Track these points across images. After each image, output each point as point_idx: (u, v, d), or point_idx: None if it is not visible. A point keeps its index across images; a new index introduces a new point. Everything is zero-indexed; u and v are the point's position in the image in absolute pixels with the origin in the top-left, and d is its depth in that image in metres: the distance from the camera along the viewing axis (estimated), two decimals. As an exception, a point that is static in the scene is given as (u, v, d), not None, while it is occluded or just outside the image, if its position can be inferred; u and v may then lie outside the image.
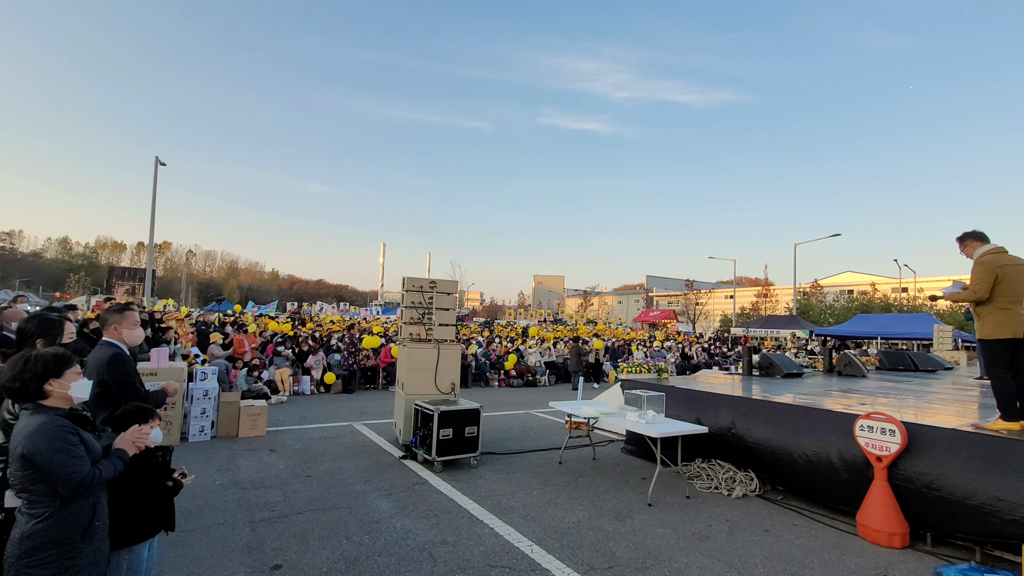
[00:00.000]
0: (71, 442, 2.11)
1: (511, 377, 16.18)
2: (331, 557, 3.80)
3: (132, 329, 3.28)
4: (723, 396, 6.46)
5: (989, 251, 4.45)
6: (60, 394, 2.23)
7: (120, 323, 3.22)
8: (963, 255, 4.69)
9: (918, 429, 4.52)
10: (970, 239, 4.63)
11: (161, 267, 78.26)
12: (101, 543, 2.28)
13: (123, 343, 3.21)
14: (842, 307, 43.25)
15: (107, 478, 2.23)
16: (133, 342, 3.31)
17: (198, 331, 12.21)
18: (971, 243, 4.61)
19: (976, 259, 4.48)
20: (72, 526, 2.12)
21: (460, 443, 6.19)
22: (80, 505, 2.15)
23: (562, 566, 3.77)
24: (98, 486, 2.22)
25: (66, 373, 2.24)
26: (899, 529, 4.32)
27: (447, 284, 7.61)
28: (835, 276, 68.15)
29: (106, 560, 2.32)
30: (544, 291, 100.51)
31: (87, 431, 2.27)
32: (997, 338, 4.33)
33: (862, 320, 27.76)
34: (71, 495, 2.09)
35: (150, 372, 6.68)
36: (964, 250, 4.67)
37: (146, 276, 25.26)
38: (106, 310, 3.45)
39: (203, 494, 5.01)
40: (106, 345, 3.13)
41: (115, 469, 2.28)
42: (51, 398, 2.21)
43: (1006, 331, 4.29)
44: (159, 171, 22.58)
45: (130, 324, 3.26)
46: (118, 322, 3.21)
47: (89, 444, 2.22)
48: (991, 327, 4.35)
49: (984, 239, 4.58)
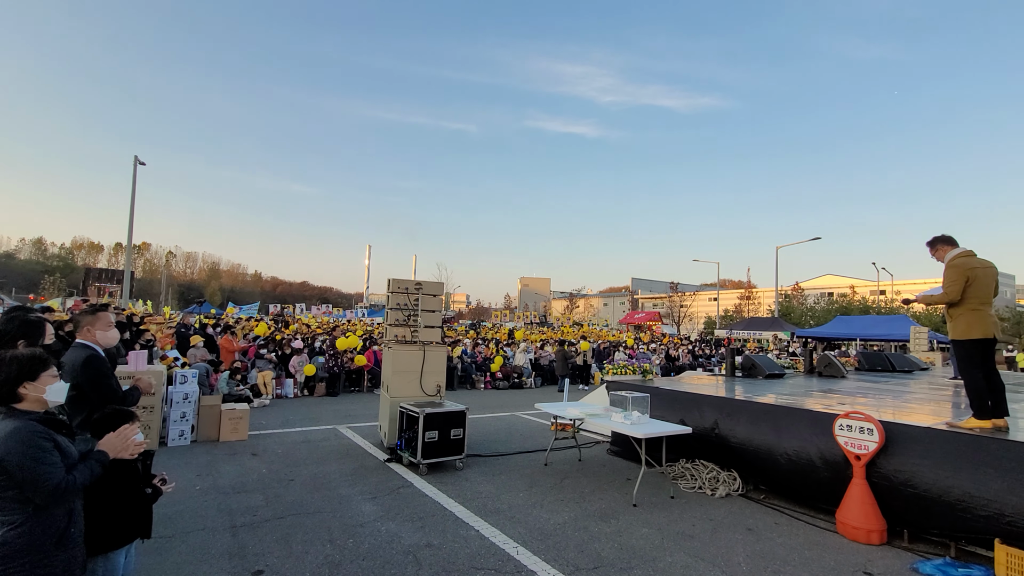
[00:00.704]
0: (44, 448, 2.04)
1: (497, 379, 16.16)
2: (314, 561, 3.75)
3: (106, 330, 3.21)
4: (706, 397, 6.54)
5: (959, 254, 4.58)
6: (35, 397, 2.17)
7: (93, 324, 3.15)
8: (934, 259, 4.82)
9: (895, 428, 4.63)
10: (940, 243, 4.76)
11: (140, 269, 76.57)
12: (76, 551, 2.21)
13: (97, 344, 3.14)
14: (822, 309, 44.08)
15: (83, 484, 2.16)
16: (107, 343, 3.24)
17: (178, 334, 11.97)
18: (942, 247, 4.74)
19: (947, 262, 4.60)
20: (46, 533, 2.06)
21: (446, 445, 6.16)
22: (55, 512, 2.09)
23: (548, 567, 3.78)
24: (73, 493, 2.15)
25: (41, 376, 2.18)
26: (877, 526, 4.41)
27: (433, 286, 7.58)
28: (816, 279, 69.48)
29: (82, 568, 2.26)
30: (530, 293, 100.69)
31: (63, 435, 2.21)
32: (969, 338, 4.45)
33: (842, 322, 28.31)
34: (44, 502, 2.02)
35: (127, 375, 6.52)
36: (935, 254, 4.80)
37: (124, 278, 24.67)
38: (79, 312, 3.37)
39: (182, 499, 4.91)
40: (80, 347, 3.06)
41: (92, 474, 2.21)
42: (25, 401, 2.14)
43: (977, 332, 4.41)
44: (138, 170, 22.13)
45: (103, 325, 3.20)
46: (91, 324, 3.15)
47: (64, 449, 2.15)
48: (963, 328, 4.47)
49: (954, 243, 4.71)
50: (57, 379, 2.27)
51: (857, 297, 48.64)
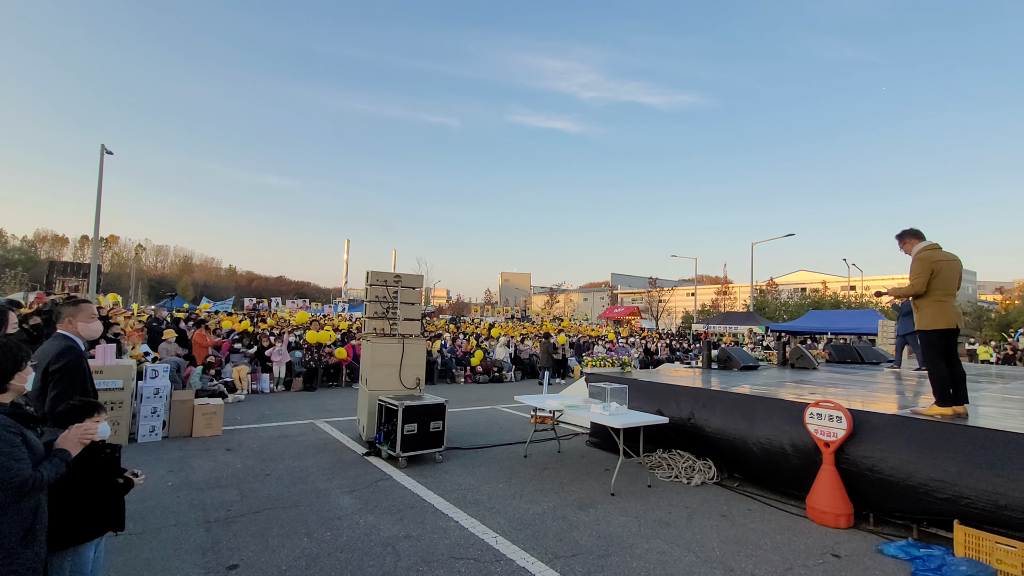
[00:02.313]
0: (13, 443, 1.97)
1: (477, 373, 16.17)
2: (291, 555, 3.70)
3: (88, 322, 3.10)
4: (683, 388, 6.65)
5: (925, 247, 4.75)
6: (18, 388, 2.09)
7: (75, 316, 3.04)
8: (902, 251, 5.00)
9: (862, 415, 4.79)
10: (908, 236, 4.93)
11: (108, 263, 74.03)
12: (40, 548, 2.14)
13: (79, 336, 3.03)
14: (795, 304, 45.23)
15: (49, 481, 2.09)
16: (90, 336, 3.14)
17: (149, 328, 11.63)
18: (909, 240, 4.91)
19: (914, 255, 4.77)
20: (11, 530, 1.98)
21: (425, 438, 6.14)
22: (20, 508, 2.02)
23: (526, 556, 3.81)
24: (39, 490, 2.07)
25: (26, 366, 2.12)
26: (845, 510, 4.56)
27: (412, 278, 7.52)
28: (790, 275, 71.20)
29: (43, 564, 2.18)
30: (511, 288, 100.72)
31: (30, 429, 2.13)
32: (934, 328, 4.62)
33: (813, 316, 29.09)
34: (8, 500, 1.94)
35: (96, 370, 6.33)
36: (903, 246, 4.98)
37: (91, 271, 23.85)
38: (61, 303, 3.24)
39: (153, 495, 4.80)
40: (60, 338, 2.95)
41: (57, 472, 2.14)
42: (7, 393, 2.07)
43: (941, 322, 4.59)
44: (105, 160, 21.38)
45: (86, 317, 3.09)
46: (72, 315, 3.04)
47: (32, 444, 2.08)
48: (928, 318, 4.64)
49: (921, 236, 4.88)
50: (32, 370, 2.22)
51: (829, 292, 49.99)
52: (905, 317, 9.43)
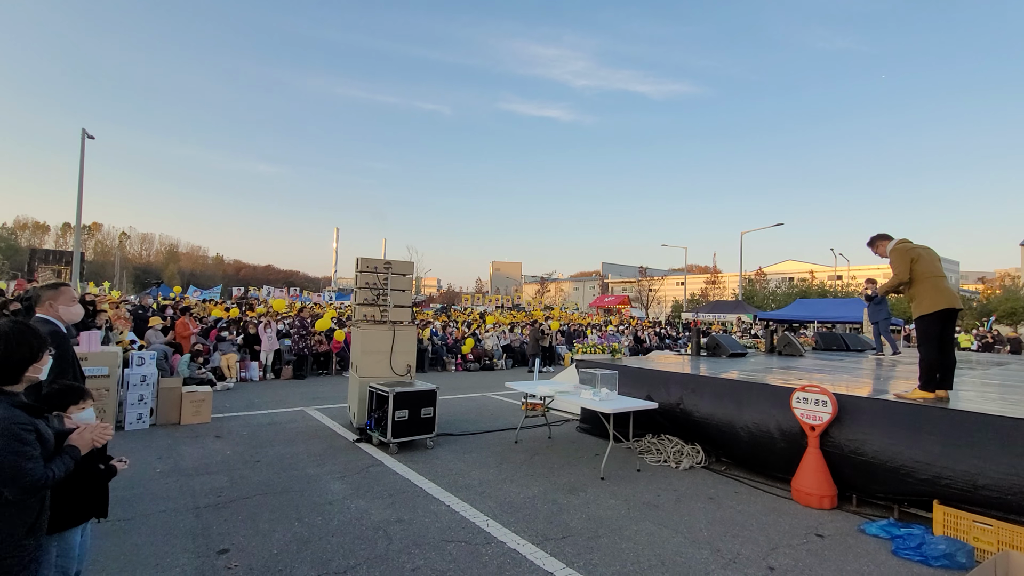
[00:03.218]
0: (27, 441, 1.90)
1: (468, 361, 16.19)
2: (282, 539, 3.71)
3: (69, 306, 3.07)
4: (672, 374, 6.72)
5: (899, 242, 4.91)
6: (31, 379, 2.03)
7: (56, 299, 3.01)
8: (877, 255, 5.11)
9: (847, 399, 4.87)
10: (878, 240, 5.12)
11: (91, 250, 72.66)
12: (42, 535, 2.12)
13: (60, 320, 2.99)
14: (783, 293, 45.72)
15: (60, 479, 2.02)
16: (71, 319, 3.11)
17: (135, 316, 11.47)
18: (880, 243, 5.09)
19: (890, 250, 4.86)
20: (19, 522, 1.94)
21: (416, 424, 6.15)
22: (30, 501, 1.98)
23: (517, 538, 3.85)
24: (49, 487, 2.02)
25: (45, 355, 2.06)
26: (828, 492, 4.66)
27: (402, 265, 7.48)
28: (778, 264, 71.87)
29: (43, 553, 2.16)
30: (502, 277, 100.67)
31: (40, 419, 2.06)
32: (936, 310, 4.58)
33: (801, 305, 29.48)
34: (18, 498, 1.89)
35: (81, 357, 6.23)
36: (877, 251, 5.15)
37: (74, 259, 23.40)
38: (40, 287, 3.19)
39: (141, 482, 4.76)
40: (42, 322, 2.90)
41: (67, 468, 2.07)
42: (20, 384, 2.01)
43: (943, 302, 4.57)
44: (87, 145, 20.88)
45: (67, 300, 3.06)
46: (53, 298, 3.00)
47: (44, 437, 2.01)
48: (928, 303, 4.62)
49: (890, 237, 5.04)
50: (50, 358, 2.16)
51: (816, 282, 50.58)
52: (877, 305, 9.79)
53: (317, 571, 3.27)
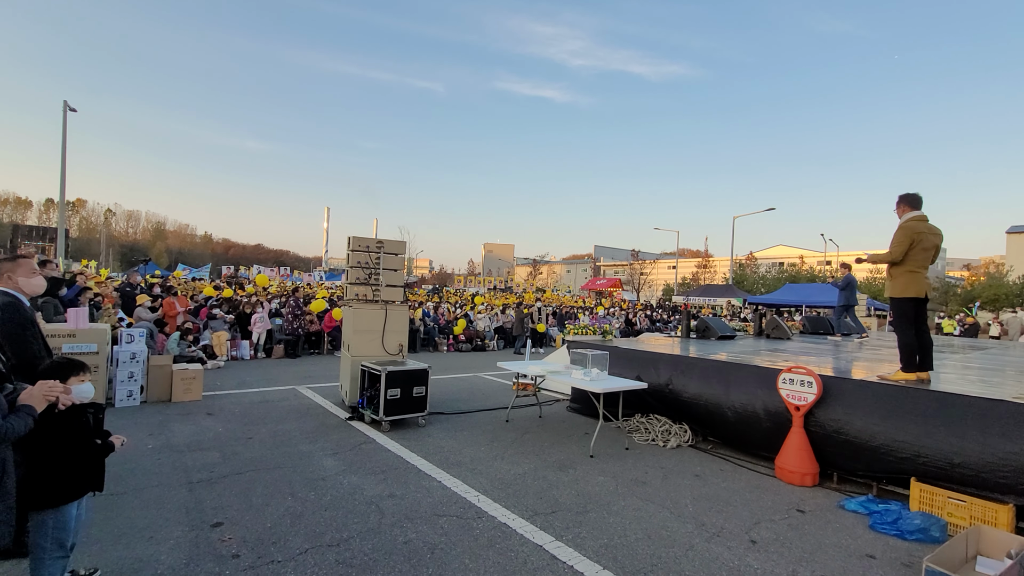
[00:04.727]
0: None
1: (460, 342, 16.26)
2: (275, 513, 3.75)
3: (29, 277, 3.03)
4: (662, 355, 6.81)
5: (912, 218, 4.81)
6: None
7: (14, 271, 2.97)
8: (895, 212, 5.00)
9: (831, 381, 4.98)
10: (904, 202, 4.91)
11: (76, 227, 71.31)
12: (10, 500, 2.13)
13: (20, 292, 2.96)
14: (773, 278, 46.16)
15: (16, 435, 2.05)
16: (32, 291, 3.08)
17: (123, 294, 11.35)
18: (904, 206, 4.91)
19: (900, 223, 4.85)
20: None
21: (408, 403, 6.20)
22: None
23: (508, 512, 3.93)
24: (5, 443, 2.04)
25: None
26: (811, 470, 4.79)
27: (395, 244, 7.44)
28: (769, 249, 72.40)
29: (14, 518, 2.17)
30: (494, 259, 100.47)
31: None
32: (905, 296, 4.78)
33: (790, 290, 29.79)
34: None
35: (68, 333, 6.20)
36: (897, 209, 4.98)
37: (58, 235, 22.99)
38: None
39: (133, 458, 4.77)
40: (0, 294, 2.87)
41: (26, 426, 2.09)
42: None
43: (912, 291, 4.75)
44: (69, 118, 20.34)
45: (26, 272, 3.02)
46: (11, 270, 2.96)
47: None
48: (900, 287, 4.80)
49: (915, 205, 4.87)
50: None
51: (805, 267, 51.09)
52: (842, 291, 10.51)
53: (310, 544, 3.32)
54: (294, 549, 3.25)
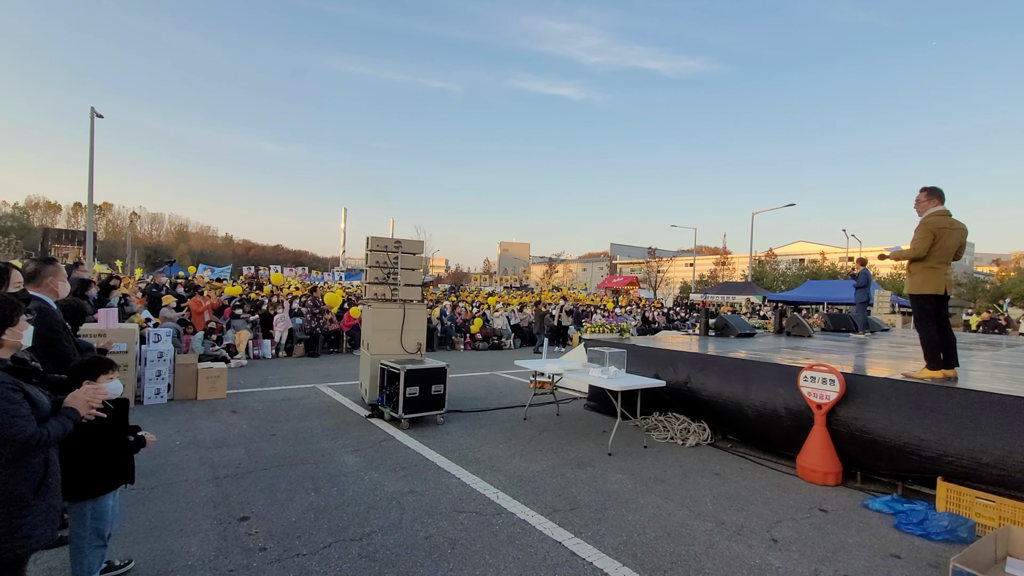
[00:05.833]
0: (14, 400, 1.95)
1: (477, 340, 16.34)
2: (299, 508, 3.84)
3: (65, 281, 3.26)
4: (680, 353, 6.76)
5: (934, 213, 4.68)
6: (12, 343, 2.10)
7: (56, 275, 3.18)
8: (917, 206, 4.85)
9: (855, 379, 4.90)
10: (928, 195, 4.77)
11: (103, 230, 73.38)
12: (55, 499, 2.19)
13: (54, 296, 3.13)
14: (794, 275, 45.37)
15: (56, 438, 2.08)
16: (63, 294, 3.31)
17: (149, 295, 11.67)
18: (926, 200, 4.77)
19: (923, 218, 4.72)
20: (24, 483, 2.01)
21: (427, 401, 6.27)
22: (30, 463, 2.06)
23: (527, 509, 3.96)
24: (46, 446, 2.07)
25: (20, 320, 2.12)
26: (833, 468, 4.72)
27: (412, 244, 7.52)
28: (788, 245, 71.03)
29: (59, 515, 2.25)
30: (510, 258, 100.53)
31: (32, 384, 2.14)
32: (923, 293, 4.68)
33: (811, 286, 29.26)
34: (14, 456, 1.95)
35: (99, 333, 6.40)
36: (916, 205, 4.83)
37: (87, 239, 23.67)
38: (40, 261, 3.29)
39: (162, 453, 4.93)
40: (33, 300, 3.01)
41: (64, 429, 2.14)
42: (2, 348, 2.09)
43: (930, 287, 4.64)
44: (96, 124, 20.92)
45: (62, 276, 3.25)
46: (54, 274, 3.13)
47: (35, 400, 2.07)
48: (919, 283, 4.70)
49: (939, 199, 4.74)
50: (28, 324, 2.22)
51: (827, 263, 50.07)
52: (859, 290, 10.58)
53: (334, 538, 3.40)
54: (318, 543, 3.33)
